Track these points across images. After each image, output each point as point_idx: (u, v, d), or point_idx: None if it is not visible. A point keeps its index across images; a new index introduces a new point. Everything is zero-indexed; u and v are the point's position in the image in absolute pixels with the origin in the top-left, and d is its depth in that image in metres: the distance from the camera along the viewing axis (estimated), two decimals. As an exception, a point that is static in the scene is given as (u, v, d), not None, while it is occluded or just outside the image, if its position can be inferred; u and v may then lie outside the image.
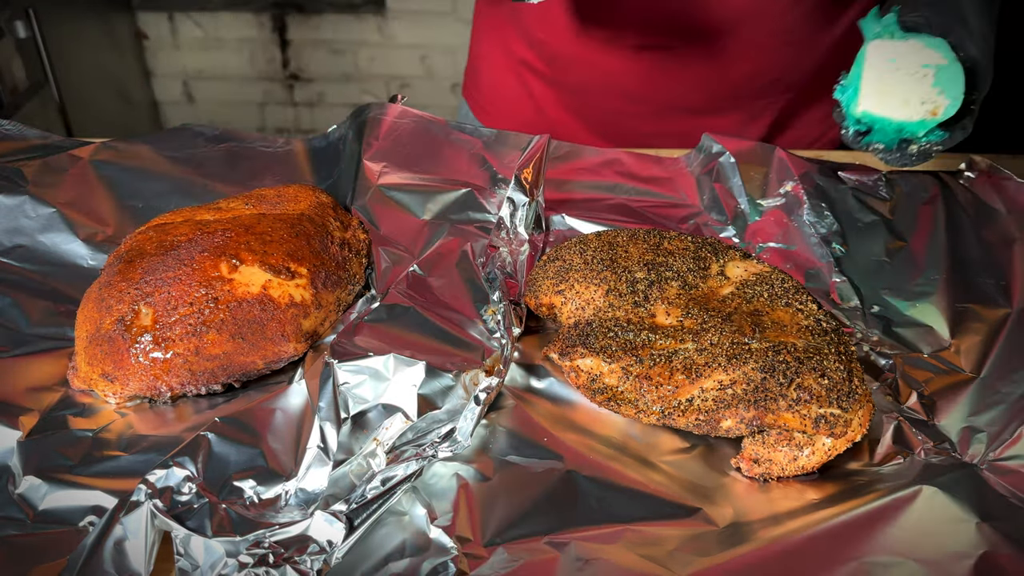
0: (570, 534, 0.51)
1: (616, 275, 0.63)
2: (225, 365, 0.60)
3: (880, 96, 0.68)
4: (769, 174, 0.81)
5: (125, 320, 0.59)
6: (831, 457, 0.55)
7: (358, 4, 2.22)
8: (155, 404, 0.60)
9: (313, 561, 0.48)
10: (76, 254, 0.72)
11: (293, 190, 0.72)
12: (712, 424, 0.56)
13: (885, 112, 0.68)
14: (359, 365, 0.58)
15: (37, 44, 1.77)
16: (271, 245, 0.64)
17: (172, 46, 2.33)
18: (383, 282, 0.68)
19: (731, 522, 0.53)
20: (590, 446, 0.57)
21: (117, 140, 0.81)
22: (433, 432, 0.55)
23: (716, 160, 0.83)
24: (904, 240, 0.76)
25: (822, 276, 0.72)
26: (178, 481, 0.52)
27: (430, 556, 0.50)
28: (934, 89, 0.66)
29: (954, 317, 0.68)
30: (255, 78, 2.37)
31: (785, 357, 0.55)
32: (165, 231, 0.65)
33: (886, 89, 0.67)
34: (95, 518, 0.51)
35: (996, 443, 0.57)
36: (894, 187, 0.81)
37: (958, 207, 0.79)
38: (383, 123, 0.78)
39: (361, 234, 0.71)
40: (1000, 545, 0.50)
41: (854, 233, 0.76)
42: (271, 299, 0.61)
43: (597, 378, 0.58)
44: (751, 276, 0.64)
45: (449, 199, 0.74)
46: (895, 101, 0.67)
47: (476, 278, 0.67)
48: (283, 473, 0.54)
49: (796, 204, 0.77)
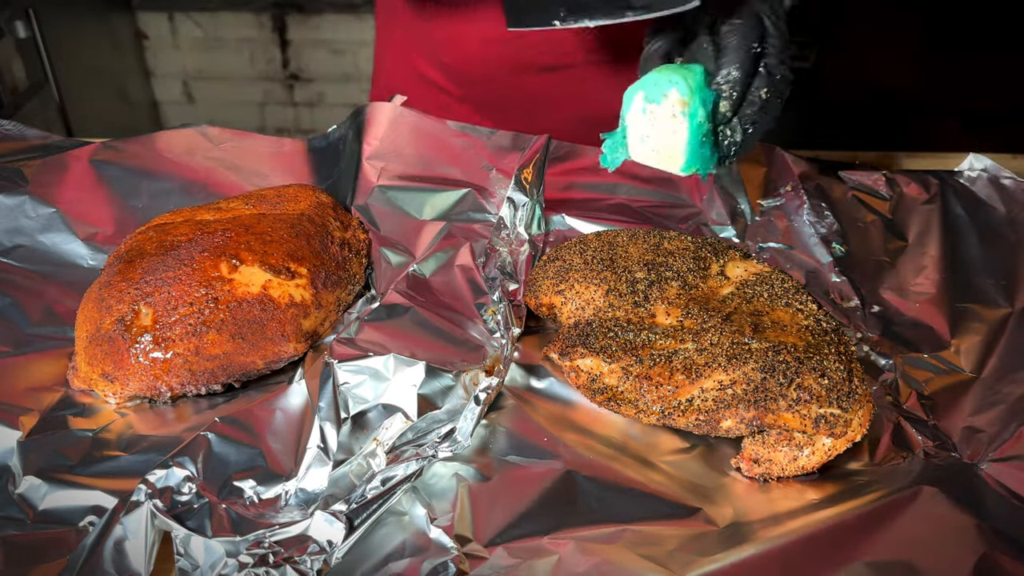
0: (570, 534, 0.51)
1: (616, 275, 0.63)
2: (225, 365, 0.60)
3: (642, 150, 0.63)
4: (769, 174, 0.81)
5: (125, 320, 0.59)
6: (831, 457, 0.55)
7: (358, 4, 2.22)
8: (155, 404, 0.60)
9: (313, 561, 0.48)
10: (76, 254, 0.72)
11: (293, 190, 0.72)
12: (712, 424, 0.56)
13: (653, 163, 0.63)
14: (359, 365, 0.58)
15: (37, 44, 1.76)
16: (271, 245, 0.64)
17: (172, 46, 2.33)
18: (383, 282, 0.68)
19: (731, 522, 0.53)
20: (590, 446, 0.57)
21: (117, 140, 0.81)
22: (433, 432, 0.55)
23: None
24: (904, 240, 0.76)
25: (822, 276, 0.72)
26: (178, 481, 0.52)
27: (430, 556, 0.50)
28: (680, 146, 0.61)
29: (954, 317, 0.68)
30: (255, 78, 2.36)
31: (785, 357, 0.55)
32: (165, 231, 0.65)
33: (648, 148, 0.63)
34: (95, 518, 0.51)
35: (996, 443, 0.57)
36: (894, 187, 0.81)
37: (958, 207, 0.79)
38: (383, 123, 0.78)
39: (361, 234, 0.71)
40: (1000, 545, 0.50)
41: (854, 233, 0.76)
42: (271, 299, 0.61)
43: (597, 378, 0.58)
44: (751, 276, 0.64)
45: (449, 199, 0.74)
46: (657, 158, 0.63)
47: (476, 278, 0.67)
48: (283, 473, 0.54)
49: (796, 204, 0.77)
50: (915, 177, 0.82)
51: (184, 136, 0.83)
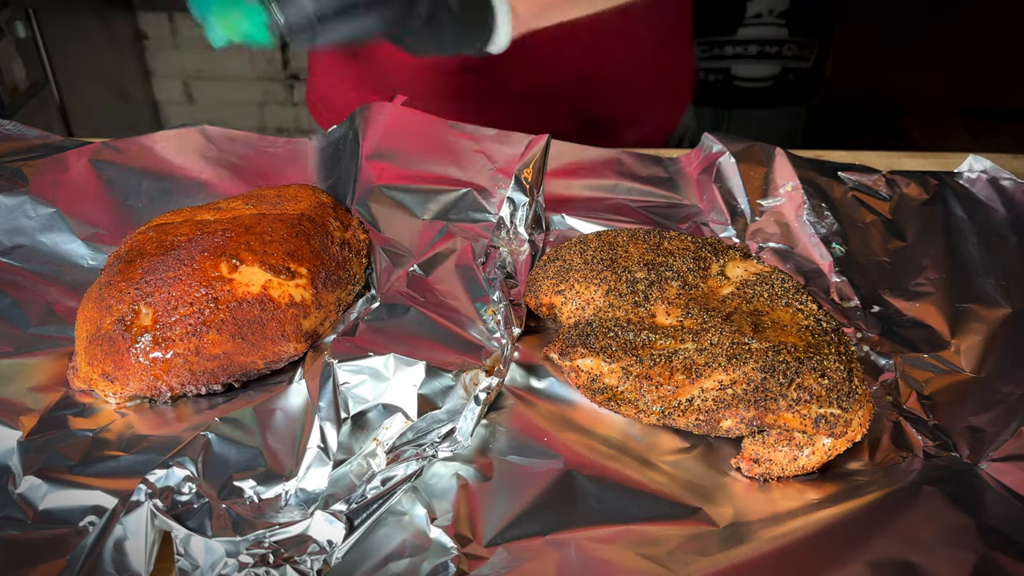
0: (570, 534, 0.51)
1: (616, 275, 0.63)
2: (225, 365, 0.60)
3: None
4: (769, 174, 0.81)
5: (125, 320, 0.59)
6: (831, 457, 0.55)
7: (358, 4, 2.22)
8: (155, 404, 0.60)
9: (313, 561, 0.48)
10: (76, 254, 0.72)
11: (293, 190, 0.72)
12: (712, 424, 0.56)
13: None
14: (359, 365, 0.58)
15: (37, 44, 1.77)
16: (271, 245, 0.64)
17: (172, 46, 2.33)
18: (383, 282, 0.68)
19: (731, 522, 0.53)
20: (590, 446, 0.57)
21: (117, 140, 0.81)
22: (433, 432, 0.55)
23: (716, 160, 0.83)
24: (904, 240, 0.76)
25: (822, 276, 0.72)
26: (178, 481, 0.52)
27: (430, 556, 0.50)
28: None
29: (954, 317, 0.68)
30: (255, 78, 2.36)
31: (785, 357, 0.55)
32: (165, 231, 0.65)
33: None
34: (95, 518, 0.51)
35: (996, 443, 0.57)
36: (894, 187, 0.81)
37: (958, 207, 0.79)
38: (383, 123, 0.78)
39: (361, 234, 0.71)
40: (1000, 545, 0.50)
41: (854, 233, 0.76)
42: (271, 299, 0.61)
43: (597, 378, 0.58)
44: (751, 276, 0.64)
45: (449, 199, 0.74)
46: None
47: (476, 278, 0.67)
48: (283, 473, 0.54)
49: (796, 204, 0.77)
50: (915, 177, 0.82)
51: (184, 136, 0.83)
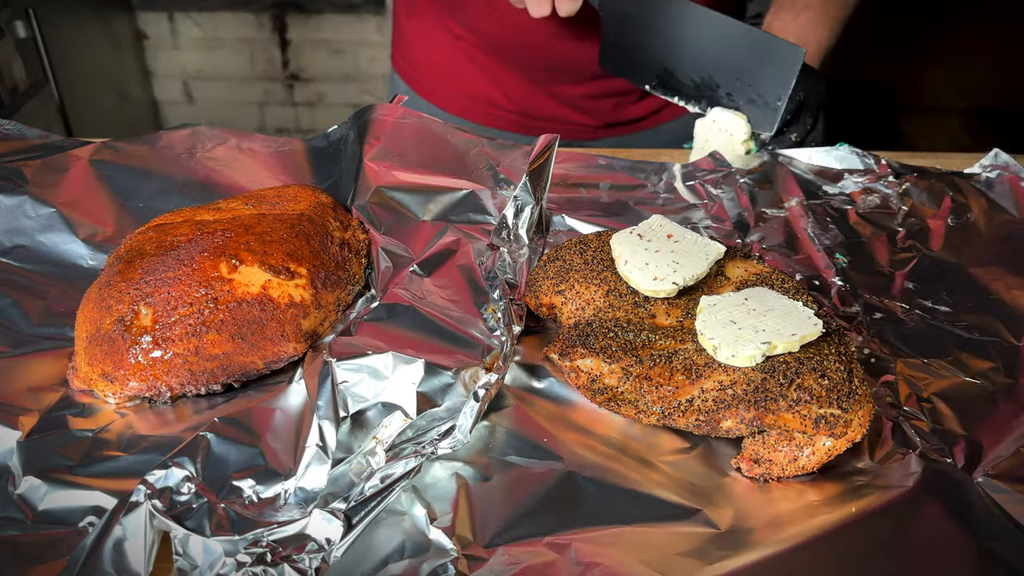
0: (570, 535, 0.51)
1: (616, 275, 0.63)
2: (225, 365, 0.60)
3: None
4: (773, 181, 0.81)
5: (125, 320, 0.59)
6: (831, 457, 0.55)
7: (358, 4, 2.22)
8: (155, 404, 0.60)
9: (311, 559, 0.48)
10: (76, 254, 0.72)
11: (293, 190, 0.72)
12: (712, 424, 0.56)
13: None
14: (358, 363, 0.58)
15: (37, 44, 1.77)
16: (271, 245, 0.64)
17: (172, 46, 2.33)
18: (383, 282, 0.68)
19: (731, 523, 0.53)
20: (590, 446, 0.57)
21: (117, 140, 0.81)
22: (433, 430, 0.55)
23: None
24: (907, 246, 0.76)
25: (823, 281, 0.72)
26: (177, 481, 0.52)
27: (430, 557, 0.50)
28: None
29: (955, 321, 0.68)
30: (255, 78, 2.37)
31: (785, 357, 0.55)
32: (165, 231, 0.65)
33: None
34: (95, 518, 0.51)
35: (994, 448, 0.57)
36: (901, 193, 0.81)
37: (966, 212, 0.79)
38: (385, 124, 0.78)
39: (361, 234, 0.71)
40: (998, 547, 0.50)
41: (857, 242, 0.76)
42: (271, 299, 0.61)
43: (597, 378, 0.58)
44: (751, 276, 0.64)
45: (449, 199, 0.74)
46: None
47: (476, 278, 0.67)
48: (282, 472, 0.54)
49: (799, 213, 0.77)
50: (924, 183, 0.82)
51: (184, 136, 0.83)
